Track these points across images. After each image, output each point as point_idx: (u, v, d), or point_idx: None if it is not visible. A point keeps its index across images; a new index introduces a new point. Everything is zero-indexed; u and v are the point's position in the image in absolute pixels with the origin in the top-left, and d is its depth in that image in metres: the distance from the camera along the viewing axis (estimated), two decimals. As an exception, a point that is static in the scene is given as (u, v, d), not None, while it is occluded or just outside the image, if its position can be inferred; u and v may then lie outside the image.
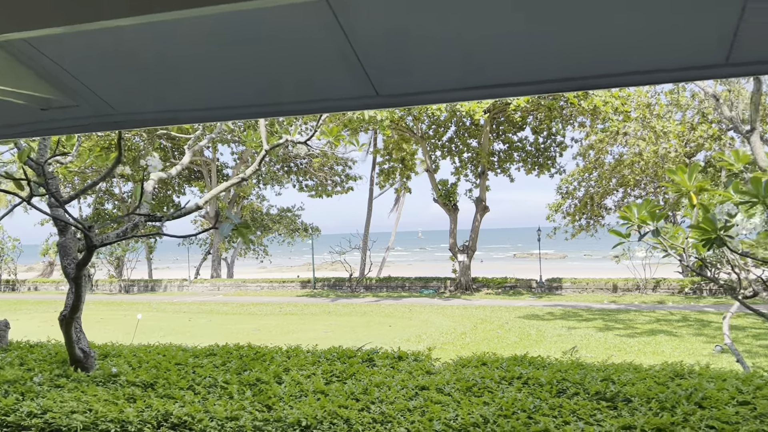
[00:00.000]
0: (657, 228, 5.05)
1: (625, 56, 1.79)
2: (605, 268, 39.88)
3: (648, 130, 27.39)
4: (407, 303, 24.32)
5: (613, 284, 27.44)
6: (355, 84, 1.99)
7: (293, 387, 3.99)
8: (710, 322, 17.44)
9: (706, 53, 1.71)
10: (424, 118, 26.84)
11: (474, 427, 3.20)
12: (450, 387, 3.92)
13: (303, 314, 21.32)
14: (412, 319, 19.09)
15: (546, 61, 1.83)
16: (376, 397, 3.73)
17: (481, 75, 1.93)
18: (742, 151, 5.08)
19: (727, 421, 3.11)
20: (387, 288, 30.83)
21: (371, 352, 4.99)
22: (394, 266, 47.81)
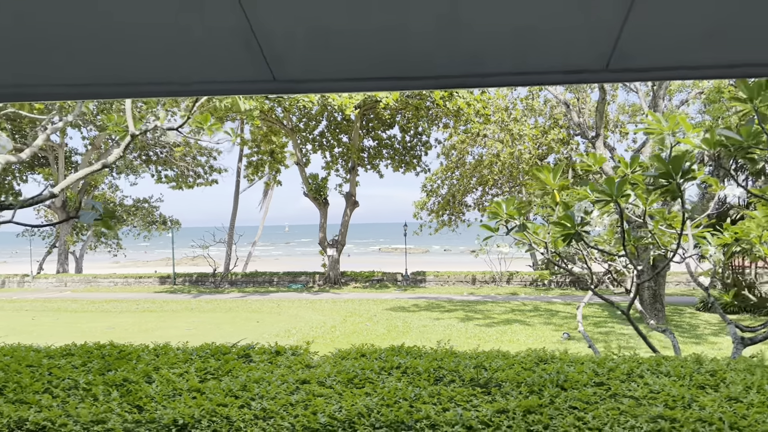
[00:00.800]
0: (524, 223, 5.40)
1: (514, 57, 1.87)
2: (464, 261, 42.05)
3: (505, 133, 29.23)
4: (275, 298, 23.98)
5: (472, 277, 29.00)
6: (252, 67, 1.91)
7: (165, 386, 3.77)
8: (558, 312, 19.02)
9: (588, 59, 1.83)
10: (295, 110, 26.56)
11: (359, 418, 3.22)
12: (331, 380, 3.91)
13: (162, 311, 20.25)
14: (280, 314, 18.86)
15: (445, 57, 1.87)
16: (256, 393, 3.63)
17: (382, 66, 1.93)
18: (599, 155, 5.57)
19: (587, 401, 3.39)
20: (253, 283, 30.19)
21: (247, 347, 4.84)
22: (260, 261, 46.97)
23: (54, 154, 33.08)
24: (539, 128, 29.43)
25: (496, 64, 1.91)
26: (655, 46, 1.76)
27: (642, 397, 3.42)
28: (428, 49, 1.81)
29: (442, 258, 60.41)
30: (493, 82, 2.08)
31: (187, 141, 28.31)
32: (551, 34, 1.71)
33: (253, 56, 1.82)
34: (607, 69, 1.87)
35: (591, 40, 1.72)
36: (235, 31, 1.69)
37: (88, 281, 31.54)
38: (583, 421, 3.13)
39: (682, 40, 1.71)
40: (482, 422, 3.16)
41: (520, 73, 1.99)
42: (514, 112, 28.94)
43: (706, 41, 1.71)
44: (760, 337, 4.73)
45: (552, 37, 1.72)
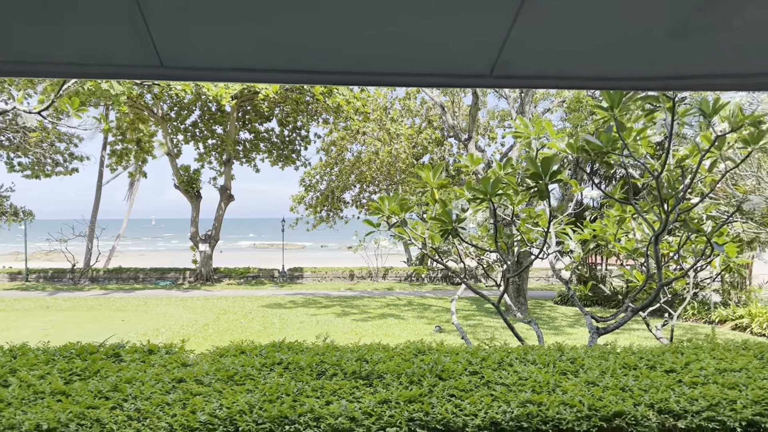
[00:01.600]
0: (405, 219, 5.55)
1: (405, 59, 1.94)
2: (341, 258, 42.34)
3: (383, 132, 29.79)
4: (141, 295, 22.68)
5: (350, 273, 29.27)
6: (139, 51, 1.81)
7: (24, 390, 3.45)
8: (430, 306, 19.72)
9: (474, 64, 1.94)
10: (166, 98, 25.25)
11: (240, 415, 3.15)
12: (210, 377, 3.79)
13: (12, 310, 18.44)
14: (147, 312, 17.87)
15: (336, 54, 1.89)
16: (129, 394, 3.43)
17: (275, 58, 1.91)
18: (475, 155, 5.85)
19: (464, 389, 3.57)
20: (117, 280, 28.36)
21: (116, 346, 4.56)
22: (125, 256, 44.19)
23: None
24: (415, 128, 30.30)
25: (387, 64, 1.96)
26: (534, 58, 1.91)
27: (512, 384, 3.66)
28: (322, 44, 1.82)
29: (320, 254, 60.37)
30: (383, 81, 2.13)
31: (44, 126, 25.98)
32: (440, 39, 1.78)
33: (140, 39, 1.73)
34: (492, 75, 1.99)
35: (478, 49, 1.82)
36: (121, 11, 1.60)
37: None
38: (460, 407, 3.28)
39: (557, 53, 1.87)
40: (365, 413, 3.22)
41: (411, 74, 2.06)
42: (392, 112, 29.56)
43: (577, 56, 1.88)
44: (612, 327, 5.22)
45: (441, 42, 1.80)
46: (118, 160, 27.84)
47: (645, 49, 1.82)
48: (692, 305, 16.40)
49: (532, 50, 1.85)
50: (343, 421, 3.13)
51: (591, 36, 1.76)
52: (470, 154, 5.96)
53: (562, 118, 21.66)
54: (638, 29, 1.72)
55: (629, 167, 5.66)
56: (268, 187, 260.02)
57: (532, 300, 20.62)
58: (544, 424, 3.17)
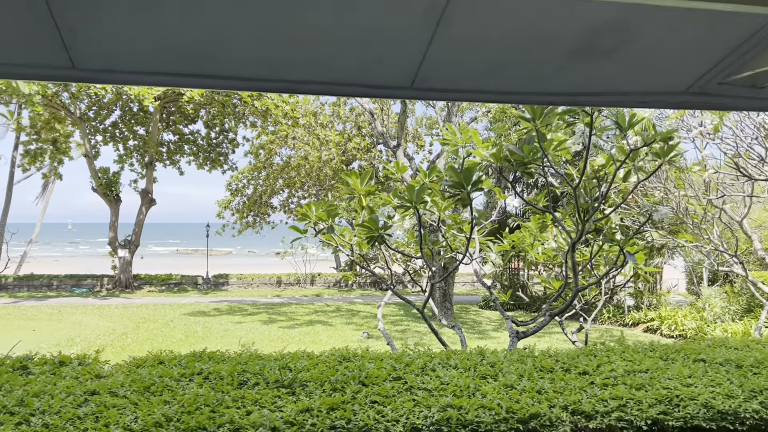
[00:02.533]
0: (332, 225, 5.55)
1: (325, 67, 1.96)
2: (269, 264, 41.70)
3: (313, 137, 29.67)
4: (55, 304, 21.53)
5: (277, 279, 28.89)
6: (50, 53, 1.75)
7: None
8: (358, 312, 19.76)
9: (395, 77, 2.00)
10: (84, 97, 24.15)
11: (157, 427, 3.05)
12: (125, 389, 3.64)
13: None
14: (61, 321, 16.97)
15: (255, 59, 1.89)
16: (36, 408, 3.24)
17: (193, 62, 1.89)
18: (402, 163, 5.93)
19: (387, 395, 3.60)
20: (29, 287, 26.77)
21: (24, 358, 4.30)
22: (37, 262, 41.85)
23: None
24: (344, 135, 30.35)
25: (312, 72, 1.98)
26: (451, 72, 1.99)
27: (434, 389, 3.72)
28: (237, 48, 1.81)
29: (246, 260, 59.24)
30: (302, 89, 2.15)
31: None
32: (362, 50, 1.82)
33: (50, 39, 1.67)
34: (412, 87, 2.05)
35: (399, 62, 1.88)
36: (30, 10, 1.53)
37: None
38: (382, 414, 3.31)
39: (472, 69, 1.97)
40: (287, 422, 3.19)
41: (332, 83, 2.09)
42: (322, 117, 29.49)
43: (489, 72, 1.98)
44: (531, 331, 5.41)
45: (363, 53, 1.84)
46: (32, 160, 26.34)
47: (553, 66, 1.93)
48: (608, 309, 17.23)
49: (448, 65, 1.92)
50: (263, 431, 3.09)
51: (502, 53, 1.85)
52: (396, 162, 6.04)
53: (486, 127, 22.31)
54: (547, 47, 1.81)
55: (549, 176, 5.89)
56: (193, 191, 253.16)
57: (458, 305, 21.04)
58: (463, 427, 3.24)
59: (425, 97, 2.26)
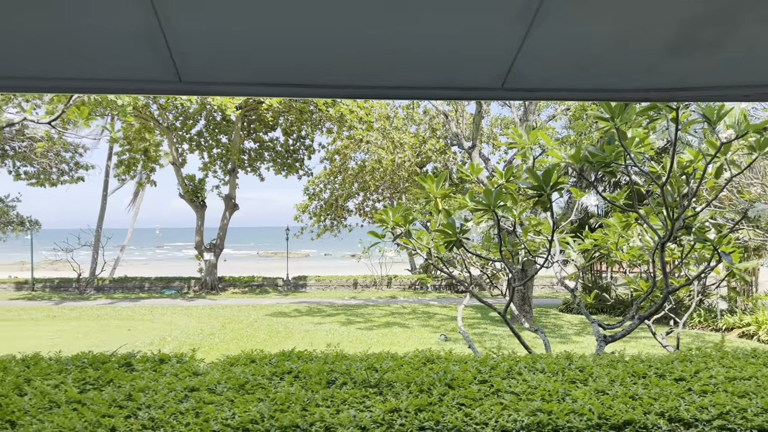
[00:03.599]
0: (409, 230, 5.60)
1: (418, 72, 1.99)
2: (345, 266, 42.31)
3: (387, 140, 29.88)
4: (147, 305, 22.74)
5: (353, 281, 29.28)
6: (158, 68, 1.87)
7: (40, 399, 3.50)
8: (434, 314, 19.72)
9: (486, 77, 2.00)
10: (171, 108, 25.42)
11: (252, 424, 3.19)
12: (221, 386, 3.83)
13: (20, 320, 18.52)
14: (154, 322, 17.92)
15: (349, 68, 1.94)
16: (143, 403, 3.48)
17: (290, 73, 1.96)
18: (476, 165, 5.90)
19: (473, 398, 3.61)
20: (123, 289, 28.43)
21: (128, 355, 4.61)
22: (130, 266, 44.27)
23: None
24: (418, 137, 30.38)
25: (400, 78, 2.02)
26: (543, 71, 1.97)
27: (522, 393, 3.69)
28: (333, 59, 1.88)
29: (323, 262, 60.35)
30: (395, 94, 2.19)
31: (50, 136, 26.14)
32: (453, 53, 1.84)
33: (160, 56, 1.78)
34: (503, 88, 2.05)
35: (490, 62, 1.88)
36: (143, 29, 1.65)
37: (-75, 288, 28.11)
38: (470, 416, 3.32)
39: (565, 67, 1.94)
40: (375, 422, 3.25)
41: (422, 88, 2.12)
42: (396, 121, 29.66)
43: (583, 69, 1.94)
44: (620, 335, 5.25)
45: (454, 56, 1.86)
46: (126, 169, 27.98)
47: (650, 61, 1.88)
48: (698, 312, 16.37)
49: (540, 64, 1.91)
50: (353, 431, 3.17)
51: (596, 49, 1.82)
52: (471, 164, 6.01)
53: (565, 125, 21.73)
54: (644, 42, 1.77)
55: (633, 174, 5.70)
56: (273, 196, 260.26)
57: (538, 308, 20.61)
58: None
59: (516, 98, 2.25)
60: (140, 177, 29.42)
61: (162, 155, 28.35)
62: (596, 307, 19.71)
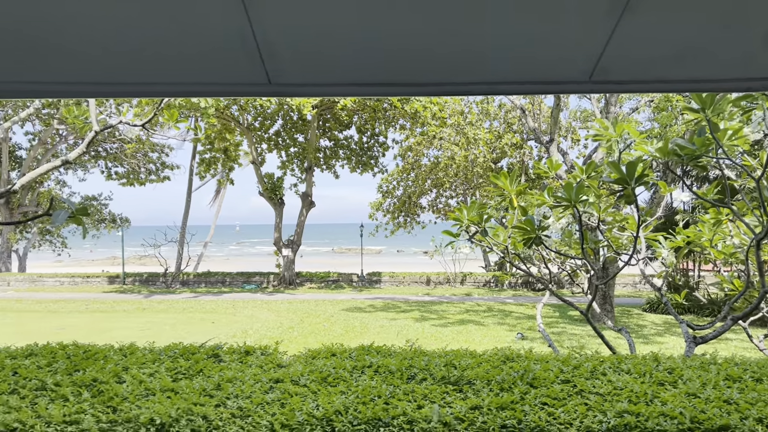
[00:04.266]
0: (485, 228, 5.54)
1: (503, 67, 1.97)
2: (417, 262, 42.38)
3: (461, 136, 29.66)
4: (229, 299, 23.65)
5: (427, 278, 29.28)
6: (249, 71, 1.94)
7: (137, 386, 3.72)
8: (510, 312, 19.43)
9: (573, 70, 1.95)
10: (251, 108, 26.28)
11: (336, 416, 3.27)
12: (305, 379, 3.94)
13: (113, 311, 19.71)
14: (236, 315, 18.62)
15: (440, 65, 1.95)
16: (231, 393, 3.63)
17: (380, 72, 1.99)
18: (555, 160, 5.76)
19: (556, 398, 3.54)
20: (206, 283, 29.68)
21: (216, 347, 4.81)
22: (212, 261, 46.14)
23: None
24: (493, 132, 29.98)
25: (487, 74, 2.01)
26: (633, 63, 1.90)
27: (607, 394, 3.59)
28: (417, 57, 1.89)
29: (396, 259, 60.69)
30: (481, 90, 2.17)
31: (140, 137, 27.61)
32: (541, 47, 1.81)
33: (250, 59, 1.85)
34: (590, 80, 1.99)
35: (577, 54, 1.84)
36: (235, 34, 1.72)
37: (32, 280, 30.36)
38: (554, 416, 3.26)
39: (657, 58, 1.86)
40: (457, 418, 3.26)
41: (508, 83, 2.09)
42: (470, 116, 29.39)
43: (677, 60, 1.86)
44: (711, 336, 5.00)
45: (541, 49, 1.83)
46: (207, 168, 29.19)
47: (750, 49, 1.78)
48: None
49: (631, 56, 1.85)
50: (435, 426, 3.18)
51: (692, 38, 1.74)
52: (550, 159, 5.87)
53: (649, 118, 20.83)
54: (744, 29, 1.69)
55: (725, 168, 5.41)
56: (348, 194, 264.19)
57: (619, 307, 19.91)
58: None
59: (603, 91, 2.19)
60: (221, 175, 30.60)
61: (241, 155, 29.38)
62: (683, 307, 18.82)
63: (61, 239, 39.29)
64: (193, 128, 24.26)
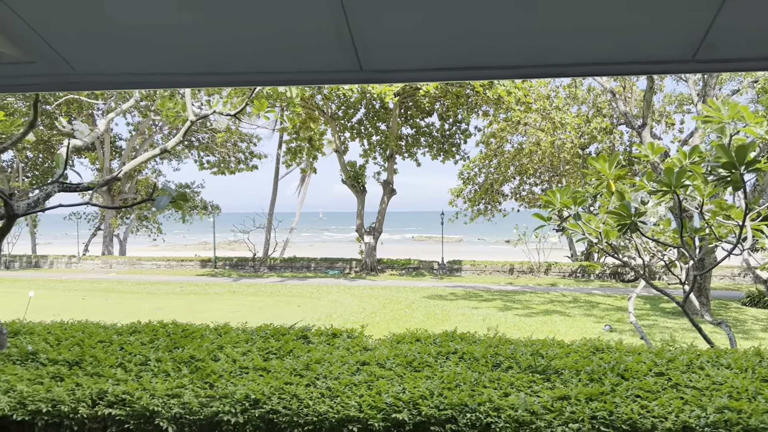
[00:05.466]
0: (578, 213, 5.38)
1: (598, 46, 1.89)
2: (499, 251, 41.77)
3: (547, 121, 28.83)
4: (314, 283, 24.29)
5: (509, 267, 28.82)
6: (341, 58, 1.96)
7: (231, 364, 3.91)
8: (598, 303, 18.81)
9: (675, 49, 1.83)
10: (334, 98, 26.70)
11: (422, 400, 3.29)
12: (390, 362, 4.00)
13: (206, 294, 20.73)
14: (320, 299, 19.11)
15: (525, 46, 1.89)
16: (320, 373, 3.74)
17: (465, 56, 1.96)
18: (657, 144, 5.49)
19: (650, 391, 3.41)
20: (292, 268, 30.61)
21: (304, 329, 4.97)
22: (297, 247, 47.42)
23: (100, 139, 33.94)
24: (582, 117, 28.94)
25: (581, 54, 1.93)
26: (744, 38, 1.76)
27: (704, 388, 3.42)
28: (509, 38, 1.84)
29: (477, 247, 60.09)
30: (573, 72, 2.09)
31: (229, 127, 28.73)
32: (638, 25, 1.72)
33: (343, 46, 1.87)
34: (694, 59, 1.86)
35: (680, 32, 1.72)
36: (330, 22, 1.74)
37: (132, 263, 32.43)
38: (647, 409, 3.14)
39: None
40: (545, 408, 3.20)
41: (604, 63, 2.00)
42: (556, 101, 28.51)
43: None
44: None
45: (639, 28, 1.73)
46: (293, 157, 29.98)
47: None
48: None
49: (743, 30, 1.71)
50: (523, 414, 3.14)
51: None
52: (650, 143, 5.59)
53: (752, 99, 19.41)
54: None
55: None
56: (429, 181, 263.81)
57: (716, 300, 18.82)
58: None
59: (709, 70, 2.05)
60: (305, 164, 31.36)
61: (325, 143, 29.94)
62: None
63: (156, 225, 41.59)
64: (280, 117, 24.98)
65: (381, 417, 3.19)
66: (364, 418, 3.19)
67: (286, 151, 30.12)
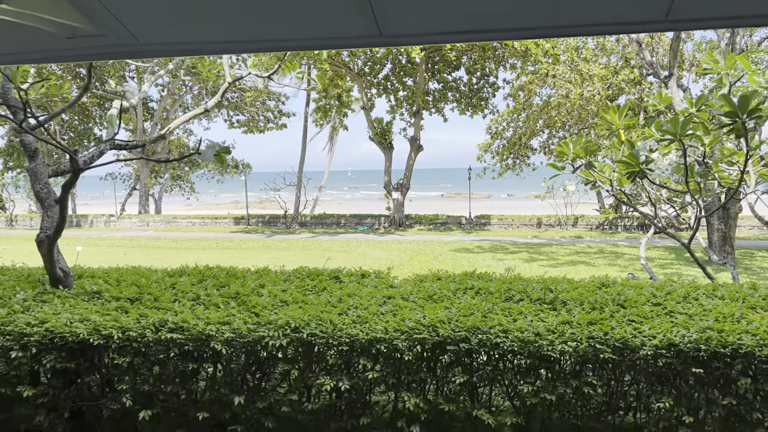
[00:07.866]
0: (590, 161, 5.70)
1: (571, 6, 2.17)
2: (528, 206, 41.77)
3: (575, 73, 28.49)
4: (344, 239, 24.93)
5: (537, 220, 29.03)
6: (361, 23, 2.26)
7: (273, 299, 4.43)
8: (623, 254, 19.04)
9: (647, 10, 2.12)
10: (360, 54, 26.78)
11: (440, 324, 3.76)
12: (413, 296, 4.48)
13: (241, 249, 21.53)
14: (350, 253, 19.73)
15: (516, 7, 2.19)
16: (351, 305, 4.24)
17: (478, 19, 2.27)
18: (665, 93, 5.74)
19: (645, 316, 3.82)
20: (322, 225, 31.31)
21: (336, 271, 5.47)
22: (326, 204, 48.14)
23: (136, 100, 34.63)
24: (610, 68, 28.51)
25: (565, 16, 2.23)
26: None
27: (695, 314, 3.81)
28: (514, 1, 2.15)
29: (506, 203, 60.04)
30: (551, 33, 2.36)
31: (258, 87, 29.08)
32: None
33: (362, 11, 2.19)
34: (667, 20, 2.16)
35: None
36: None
37: (168, 221, 33.51)
38: (638, 330, 3.57)
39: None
40: (548, 330, 3.65)
41: (582, 25, 2.28)
42: (585, 52, 28.10)
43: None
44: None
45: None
46: (324, 115, 30.30)
47: None
48: None
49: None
50: (528, 335, 3.59)
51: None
52: (659, 93, 5.83)
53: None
54: None
55: None
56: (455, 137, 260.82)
57: (742, 249, 18.89)
58: (722, 347, 3.33)
59: (681, 29, 2.31)
60: (334, 122, 31.67)
61: (353, 101, 30.15)
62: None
63: (189, 184, 42.58)
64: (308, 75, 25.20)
65: (404, 338, 3.68)
66: (390, 339, 3.67)
67: (316, 109, 30.44)
